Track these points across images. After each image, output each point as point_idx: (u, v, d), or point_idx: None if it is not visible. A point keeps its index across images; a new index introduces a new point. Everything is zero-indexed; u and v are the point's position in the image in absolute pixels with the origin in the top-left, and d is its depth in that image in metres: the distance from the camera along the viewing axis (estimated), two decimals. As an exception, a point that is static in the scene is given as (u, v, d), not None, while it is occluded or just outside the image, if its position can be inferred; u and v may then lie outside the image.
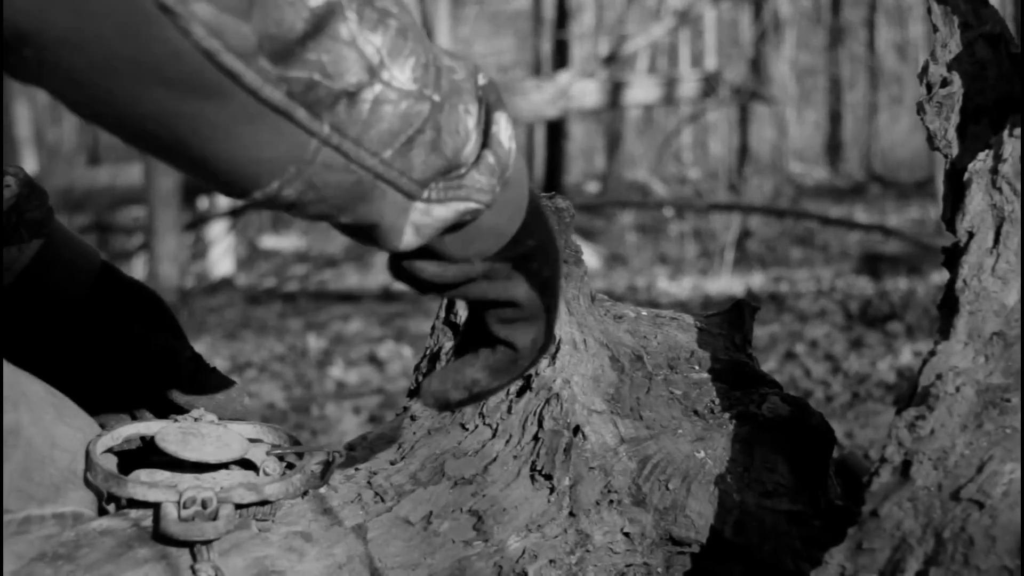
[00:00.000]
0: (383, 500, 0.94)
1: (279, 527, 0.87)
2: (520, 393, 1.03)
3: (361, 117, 0.62)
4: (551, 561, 0.95)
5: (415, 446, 1.00)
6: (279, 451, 0.93)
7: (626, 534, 0.98)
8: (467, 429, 1.02)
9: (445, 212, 0.68)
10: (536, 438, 1.00)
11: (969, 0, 1.01)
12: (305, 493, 0.90)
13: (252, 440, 0.93)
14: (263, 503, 0.85)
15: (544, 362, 1.04)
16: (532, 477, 0.98)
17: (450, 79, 0.68)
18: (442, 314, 1.12)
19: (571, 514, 0.97)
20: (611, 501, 0.99)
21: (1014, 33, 1.01)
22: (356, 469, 0.97)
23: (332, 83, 0.60)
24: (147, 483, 0.84)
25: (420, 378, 1.12)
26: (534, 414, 1.01)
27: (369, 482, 0.95)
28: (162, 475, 0.86)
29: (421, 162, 0.66)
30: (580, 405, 1.02)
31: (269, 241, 8.61)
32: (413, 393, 1.11)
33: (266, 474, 0.90)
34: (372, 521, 0.91)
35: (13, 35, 0.53)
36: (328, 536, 0.88)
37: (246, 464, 0.92)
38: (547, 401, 1.02)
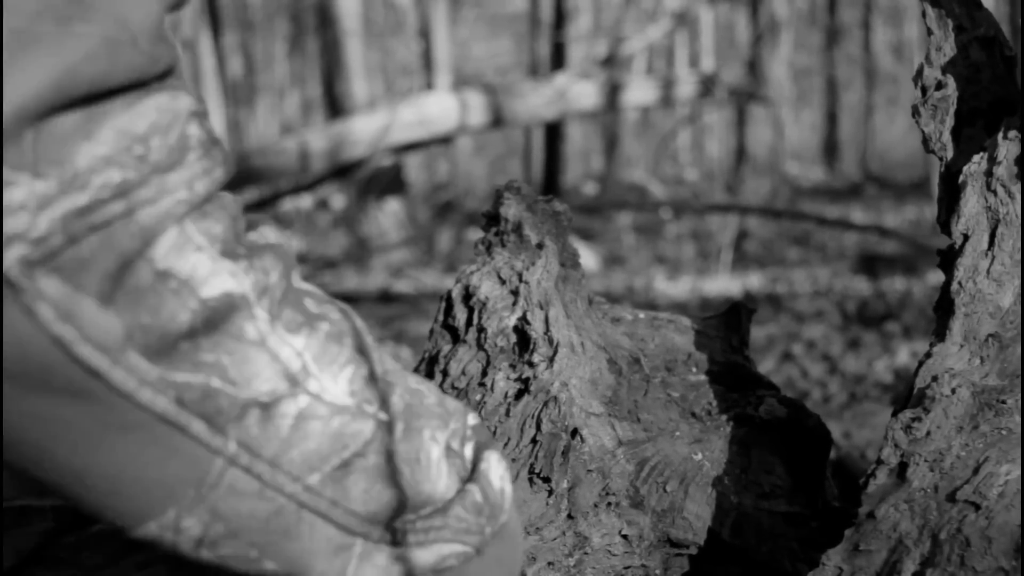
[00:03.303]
0: (382, 503, 0.94)
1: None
2: (518, 396, 1.04)
3: (279, 434, 0.51)
4: (549, 563, 0.95)
5: (414, 449, 1.01)
6: None
7: (624, 536, 0.98)
8: (465, 432, 1.02)
9: (428, 556, 0.57)
10: (534, 441, 1.00)
11: (963, 3, 1.01)
12: None
13: None
14: None
15: (542, 365, 1.05)
16: (530, 479, 0.99)
17: (411, 400, 0.58)
18: (440, 317, 1.13)
19: (569, 516, 0.98)
20: (609, 503, 0.99)
21: (1008, 36, 1.01)
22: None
23: (236, 391, 0.50)
24: None
25: (418, 381, 1.12)
26: (532, 417, 1.02)
27: (368, 485, 0.95)
28: None
29: (362, 491, 0.54)
30: (578, 408, 1.03)
31: (267, 243, 8.60)
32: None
33: None
34: (371, 524, 0.92)
35: None
36: (327, 539, 0.89)
37: None
38: (545, 404, 1.02)
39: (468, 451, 0.61)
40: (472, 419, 0.62)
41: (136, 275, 0.47)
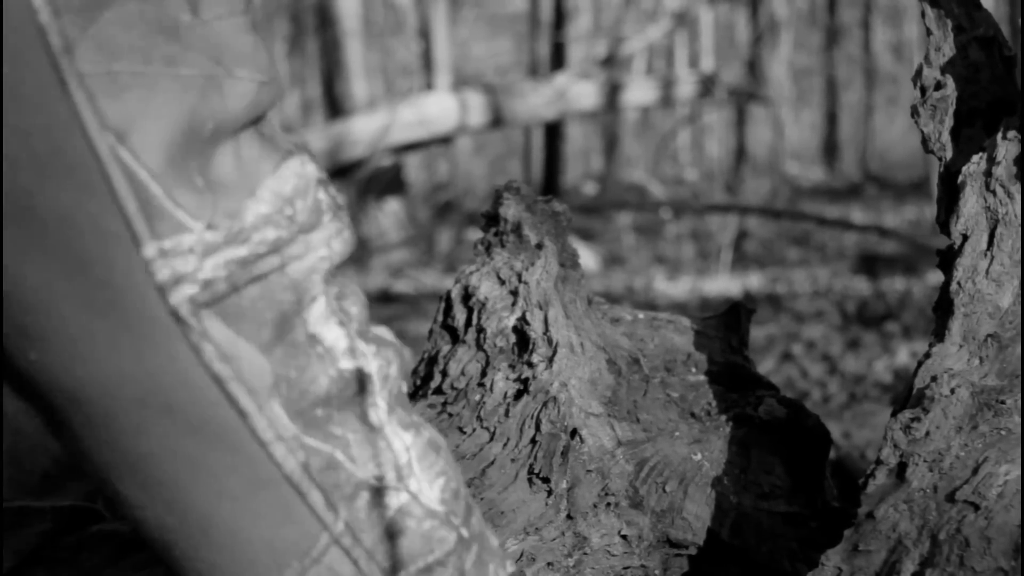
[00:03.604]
0: (381, 503, 0.94)
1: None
2: (517, 396, 1.04)
3: (381, 523, 0.54)
4: (549, 564, 0.95)
5: (413, 449, 1.01)
6: None
7: (623, 536, 0.98)
8: (465, 432, 1.02)
9: None
10: (534, 441, 1.00)
11: (962, 3, 1.01)
12: None
13: None
14: None
15: (542, 365, 1.05)
16: (530, 480, 0.99)
17: (483, 530, 0.60)
18: (440, 317, 1.13)
19: (568, 517, 0.98)
20: (608, 504, 0.99)
21: (1007, 36, 1.01)
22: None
23: (355, 469, 0.53)
24: None
25: (418, 381, 1.12)
26: (531, 417, 1.02)
27: (367, 486, 0.96)
28: None
29: None
30: (577, 408, 1.03)
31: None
32: (412, 396, 1.11)
33: None
34: (370, 524, 0.92)
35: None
36: (327, 540, 0.89)
37: None
38: (544, 404, 1.02)
39: None
40: (510, 566, 0.65)
41: (293, 332, 0.51)
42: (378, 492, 0.53)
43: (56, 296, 0.47)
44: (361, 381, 0.53)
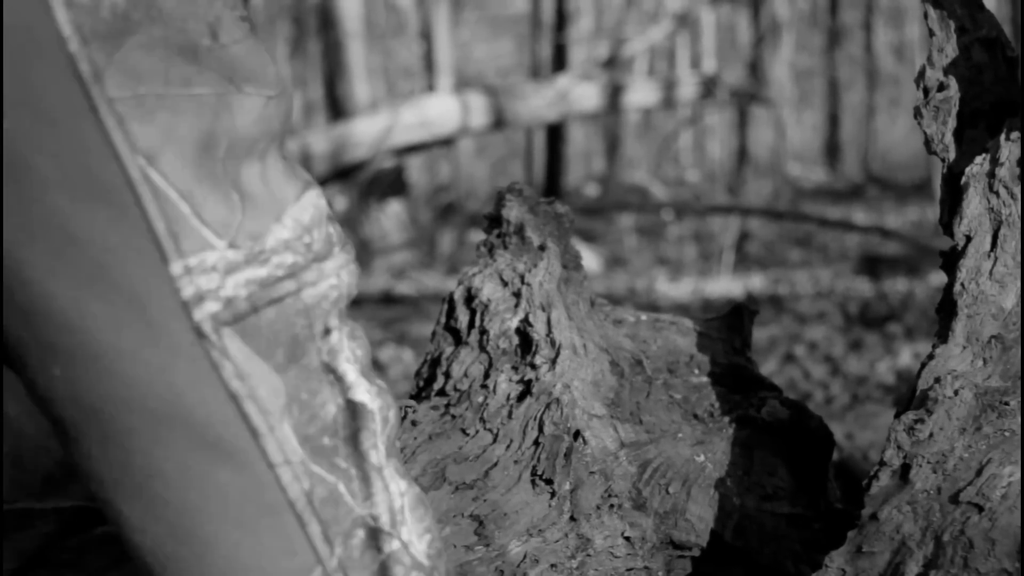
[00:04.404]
0: (384, 505, 0.94)
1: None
2: (520, 398, 1.04)
3: (371, 566, 0.55)
4: (552, 565, 0.95)
5: (416, 451, 1.01)
6: None
7: (627, 538, 0.98)
8: (468, 434, 1.02)
9: None
10: (537, 443, 1.00)
11: (965, 4, 1.01)
12: None
13: None
14: None
15: (545, 367, 1.05)
16: (533, 482, 0.99)
17: None
18: (443, 319, 1.13)
19: (572, 518, 0.98)
20: (611, 505, 0.99)
21: (1010, 37, 1.01)
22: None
23: (354, 505, 0.54)
24: None
25: (421, 383, 1.12)
26: (534, 419, 1.02)
27: (370, 487, 0.95)
28: None
29: None
30: (580, 410, 1.02)
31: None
32: (415, 397, 1.11)
33: None
34: (374, 526, 0.92)
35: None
36: (330, 541, 0.89)
37: None
38: (547, 406, 1.02)
39: None
40: None
41: (307, 356, 0.53)
42: (373, 533, 0.54)
43: (85, 313, 0.48)
44: (366, 417, 0.54)
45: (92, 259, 0.48)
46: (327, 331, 0.54)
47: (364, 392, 0.55)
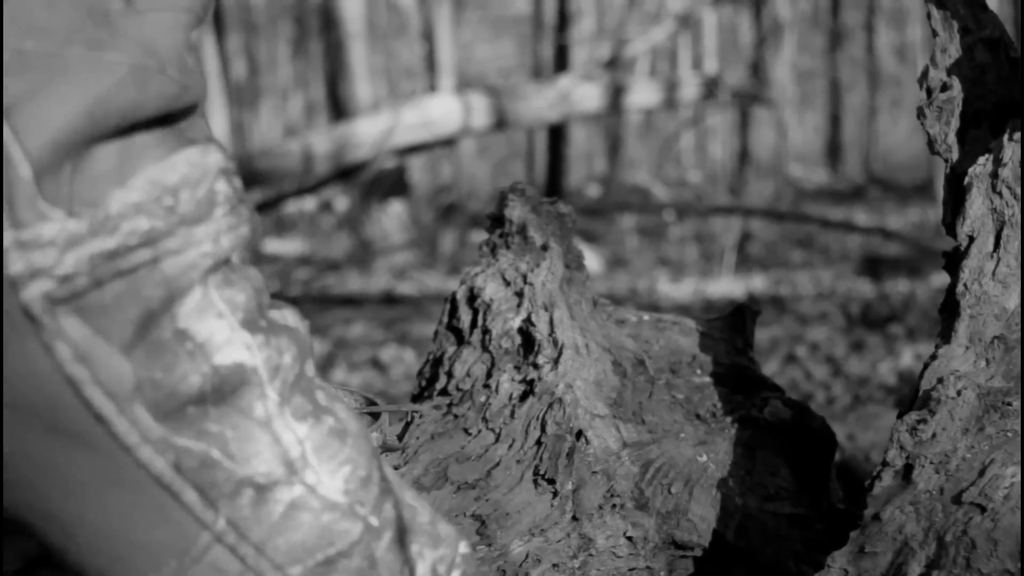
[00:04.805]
0: (387, 505, 0.94)
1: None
2: (523, 398, 1.04)
3: (269, 519, 0.51)
4: (554, 565, 0.95)
5: (418, 451, 1.01)
6: (354, 411, 0.88)
7: (629, 538, 0.98)
8: (470, 434, 1.02)
9: None
10: (539, 443, 1.00)
11: (968, 5, 1.01)
12: (382, 453, 0.86)
13: None
14: None
15: (547, 367, 1.05)
16: (535, 481, 0.99)
17: (404, 514, 0.58)
18: (445, 319, 1.13)
19: (574, 518, 0.98)
20: (614, 505, 0.99)
21: (1013, 37, 1.01)
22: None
23: (234, 466, 0.50)
24: None
25: (424, 382, 1.12)
26: (537, 419, 1.02)
27: (373, 487, 0.95)
28: None
29: None
30: (583, 410, 1.02)
31: (272, 245, 8.63)
32: (416, 397, 1.11)
33: None
34: (376, 526, 0.92)
35: None
36: (332, 541, 0.89)
37: None
38: (550, 406, 1.02)
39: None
40: (463, 547, 0.62)
41: (158, 329, 0.48)
42: (263, 488, 0.51)
43: None
44: (242, 375, 0.50)
45: None
46: (185, 291, 0.49)
47: (241, 349, 0.50)
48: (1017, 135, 0.93)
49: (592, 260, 6.14)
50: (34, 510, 0.50)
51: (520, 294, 1.09)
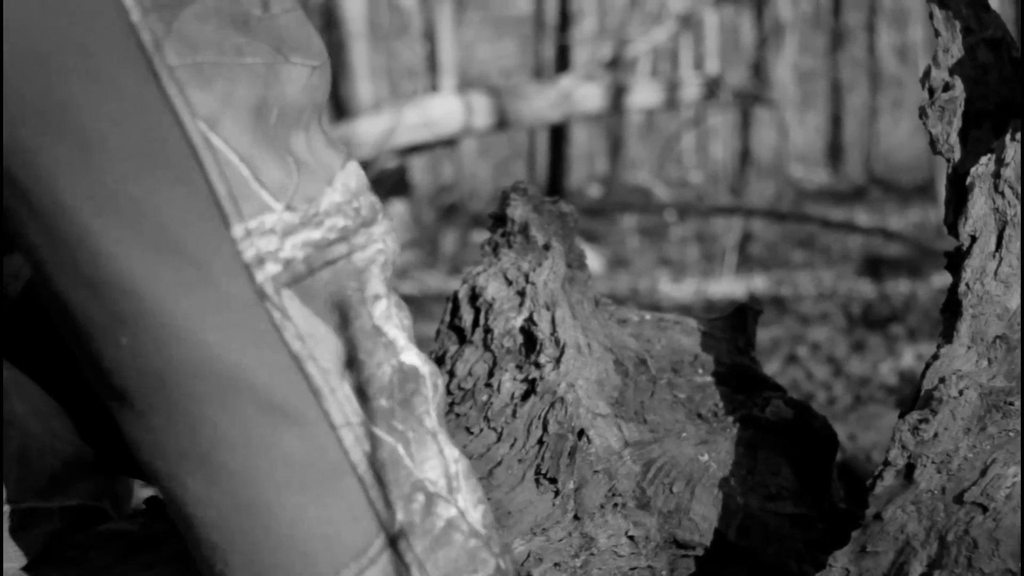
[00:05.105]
0: (389, 503, 0.94)
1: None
2: (525, 397, 1.04)
3: (432, 532, 0.55)
4: (556, 564, 0.95)
5: (420, 450, 1.01)
6: None
7: (630, 537, 0.98)
8: (472, 433, 1.02)
9: None
10: (541, 442, 1.01)
11: (971, 4, 1.01)
12: None
13: None
14: None
15: (549, 366, 1.05)
16: (537, 481, 0.99)
17: (515, 569, 0.61)
18: (447, 318, 1.13)
19: (576, 517, 0.98)
20: (615, 504, 0.99)
21: (1016, 37, 1.01)
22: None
23: (413, 467, 0.54)
24: None
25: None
26: (539, 418, 1.02)
27: (375, 486, 0.96)
28: None
29: None
30: (584, 409, 1.03)
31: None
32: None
33: None
34: (378, 524, 0.92)
35: None
36: (334, 539, 0.89)
37: None
38: (552, 405, 1.02)
39: None
40: None
41: (360, 319, 0.53)
42: (432, 498, 0.54)
43: (151, 278, 0.49)
44: (416, 381, 0.55)
45: (157, 224, 0.49)
46: (376, 297, 0.54)
47: (416, 356, 0.56)
48: (1019, 135, 0.93)
49: (593, 260, 6.14)
50: (239, 501, 0.52)
51: (522, 293, 1.09)
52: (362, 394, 0.53)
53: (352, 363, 0.53)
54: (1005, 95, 0.99)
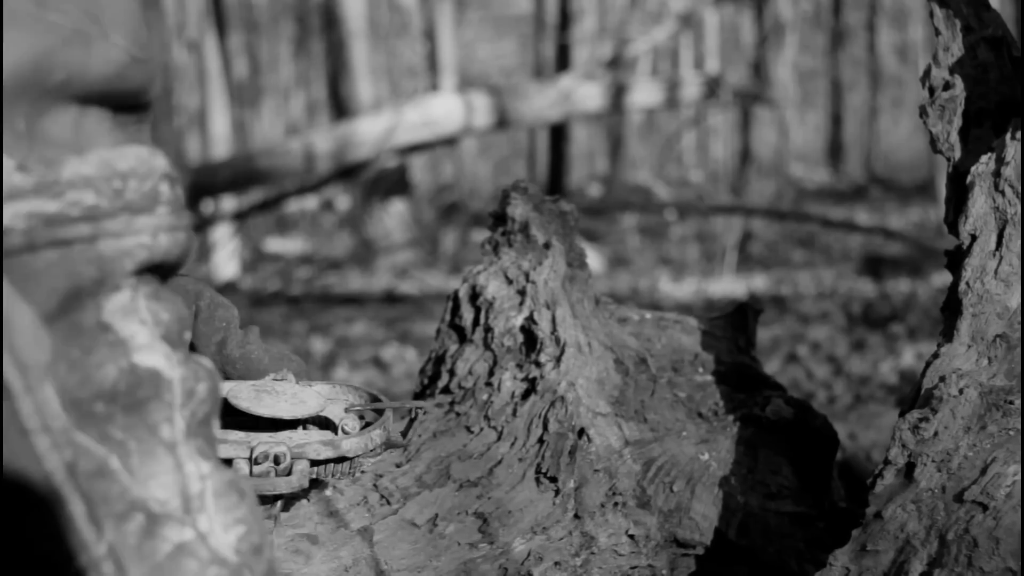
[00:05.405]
0: (389, 503, 0.94)
1: (285, 529, 0.87)
2: (525, 396, 1.04)
3: (154, 558, 0.46)
4: (556, 563, 0.95)
5: (421, 449, 1.01)
6: (358, 408, 0.87)
7: (631, 536, 0.98)
8: (472, 432, 1.02)
9: None
10: (541, 441, 1.00)
11: (971, 4, 1.01)
12: (386, 449, 0.86)
13: (331, 399, 0.88)
14: (340, 460, 0.81)
15: (549, 365, 1.05)
16: (537, 479, 0.99)
17: None
18: (447, 317, 1.13)
19: (576, 516, 0.98)
20: (616, 503, 0.99)
21: (1016, 36, 1.01)
22: (362, 472, 0.97)
23: (131, 483, 0.46)
24: (218, 440, 0.80)
25: (426, 380, 1.13)
26: (539, 417, 1.02)
27: (375, 485, 0.96)
28: (236, 434, 0.81)
29: None
30: (585, 408, 1.03)
31: (274, 244, 8.63)
32: (419, 395, 1.11)
33: (344, 432, 0.84)
34: (378, 524, 0.92)
35: None
36: (334, 539, 0.89)
37: (327, 424, 0.88)
38: (552, 404, 1.02)
39: None
40: None
41: (83, 311, 0.46)
42: (154, 519, 0.46)
43: None
44: (156, 386, 0.47)
45: None
46: (116, 288, 0.47)
47: (161, 357, 0.48)
48: (1019, 134, 0.93)
49: (594, 259, 6.14)
50: None
51: (522, 292, 1.09)
52: (72, 397, 0.45)
53: (60, 360, 0.45)
54: (1005, 93, 0.99)
